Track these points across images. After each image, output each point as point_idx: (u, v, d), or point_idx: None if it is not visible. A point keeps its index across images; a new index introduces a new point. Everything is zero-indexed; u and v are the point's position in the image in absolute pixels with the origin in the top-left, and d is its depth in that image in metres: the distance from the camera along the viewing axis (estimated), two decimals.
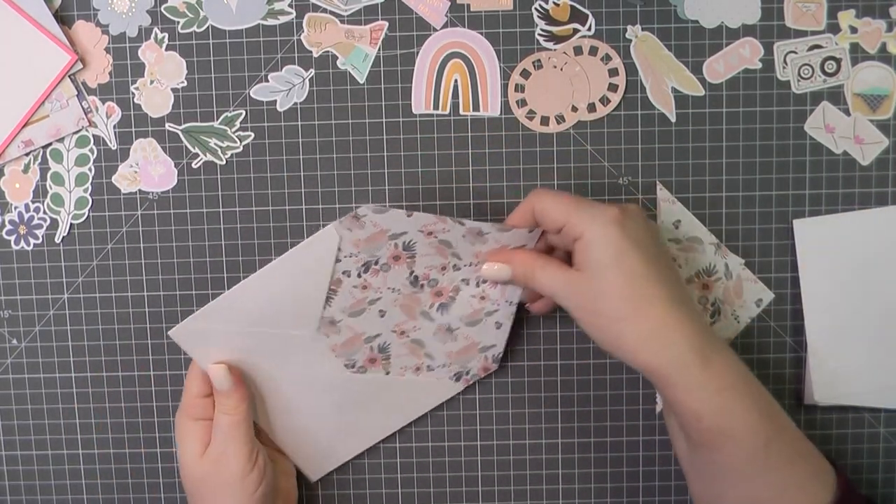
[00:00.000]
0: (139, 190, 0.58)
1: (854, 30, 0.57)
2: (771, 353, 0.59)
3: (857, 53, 0.57)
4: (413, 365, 0.57)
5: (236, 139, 0.58)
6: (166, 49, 0.57)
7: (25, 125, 0.57)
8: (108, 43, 0.57)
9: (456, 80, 0.57)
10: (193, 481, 0.53)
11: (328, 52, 0.57)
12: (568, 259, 0.52)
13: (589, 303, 0.49)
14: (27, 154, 0.58)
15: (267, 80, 0.57)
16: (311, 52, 0.57)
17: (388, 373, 0.57)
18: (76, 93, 0.57)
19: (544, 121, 0.58)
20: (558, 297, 0.50)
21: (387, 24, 0.57)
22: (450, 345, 0.57)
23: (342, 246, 0.52)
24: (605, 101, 0.57)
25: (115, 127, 0.58)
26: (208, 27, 0.57)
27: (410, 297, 0.55)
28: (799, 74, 0.57)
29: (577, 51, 0.57)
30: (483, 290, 0.55)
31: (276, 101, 0.58)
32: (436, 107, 0.58)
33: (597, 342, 0.50)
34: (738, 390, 0.48)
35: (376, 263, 0.53)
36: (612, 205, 0.50)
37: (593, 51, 0.57)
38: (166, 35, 0.57)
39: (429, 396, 0.59)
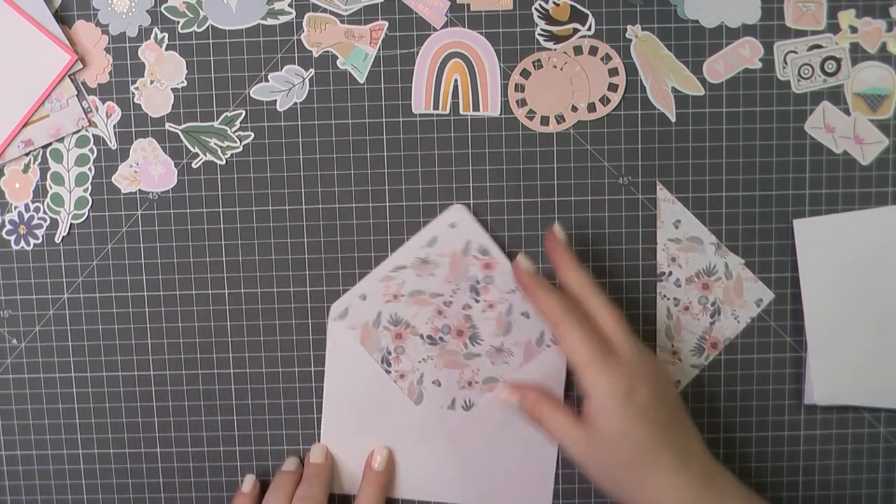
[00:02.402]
0: (139, 190, 0.58)
1: (854, 30, 0.57)
2: (771, 353, 0.59)
3: (857, 53, 0.57)
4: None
5: (236, 139, 0.58)
6: (166, 49, 0.57)
7: (25, 125, 0.57)
8: (108, 43, 0.57)
9: (456, 80, 0.57)
10: None
11: (328, 52, 0.57)
12: None
13: (597, 463, 0.50)
14: (27, 154, 0.58)
15: (267, 80, 0.57)
16: (311, 52, 0.57)
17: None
18: (76, 93, 0.57)
19: (544, 121, 0.58)
20: (565, 446, 0.51)
21: (387, 24, 0.57)
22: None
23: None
24: (605, 100, 0.57)
25: (115, 127, 0.58)
26: (208, 27, 0.57)
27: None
28: (799, 74, 0.57)
29: (577, 51, 0.57)
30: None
31: (276, 101, 0.58)
32: (436, 107, 0.58)
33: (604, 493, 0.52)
34: None
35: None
36: (622, 372, 0.49)
37: (593, 51, 0.57)
38: (166, 35, 0.57)
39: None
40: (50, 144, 0.58)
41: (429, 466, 0.58)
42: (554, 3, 0.57)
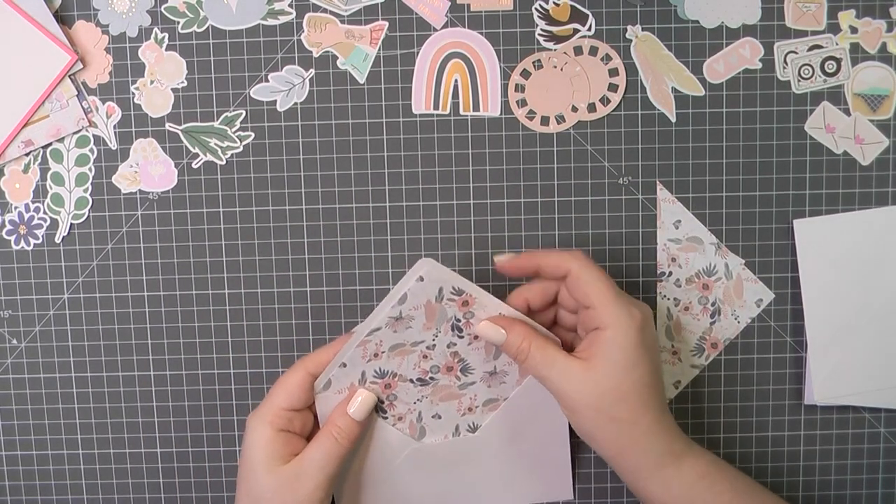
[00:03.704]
0: (139, 190, 0.58)
1: (854, 30, 0.57)
2: (771, 353, 0.59)
3: (858, 53, 0.57)
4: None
5: (236, 139, 0.58)
6: (166, 49, 0.57)
7: (25, 125, 0.57)
8: (108, 43, 0.57)
9: (456, 80, 0.57)
10: (259, 490, 0.51)
11: (328, 52, 0.57)
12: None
13: (589, 397, 0.50)
14: (27, 154, 0.58)
15: (267, 80, 0.57)
16: (311, 52, 0.57)
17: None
18: (76, 93, 0.57)
19: (544, 121, 0.58)
20: (550, 381, 0.50)
21: (387, 24, 0.57)
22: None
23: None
24: (605, 101, 0.57)
25: (115, 127, 0.58)
26: (208, 27, 0.57)
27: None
28: (799, 74, 0.57)
29: (578, 51, 0.57)
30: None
31: (276, 101, 0.58)
32: (436, 107, 0.58)
33: (580, 432, 0.51)
34: (709, 478, 0.51)
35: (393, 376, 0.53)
36: (638, 307, 0.51)
37: (593, 51, 0.57)
38: (166, 35, 0.57)
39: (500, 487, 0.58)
40: (50, 144, 0.58)
41: (446, 488, 0.57)
42: (554, 3, 0.57)
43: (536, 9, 0.57)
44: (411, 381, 0.53)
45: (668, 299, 0.59)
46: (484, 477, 0.57)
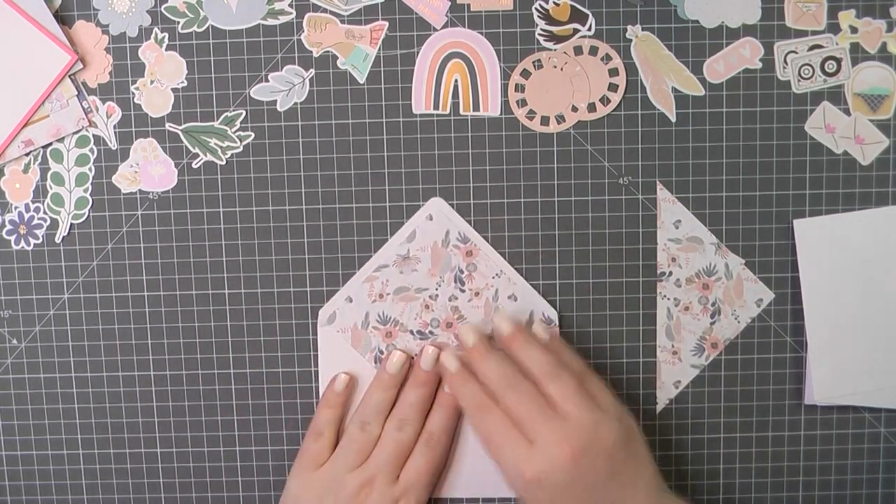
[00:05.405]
0: (139, 190, 0.58)
1: (854, 30, 0.57)
2: (771, 353, 0.59)
3: (858, 53, 0.57)
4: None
5: (236, 139, 0.58)
6: (166, 49, 0.57)
7: (25, 125, 0.57)
8: (108, 43, 0.57)
9: (456, 80, 0.57)
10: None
11: (328, 52, 0.57)
12: None
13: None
14: (27, 154, 0.58)
15: (267, 80, 0.57)
16: (311, 52, 0.57)
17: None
18: (76, 93, 0.57)
19: (544, 121, 0.58)
20: (498, 463, 0.51)
21: (387, 24, 0.57)
22: None
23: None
24: (605, 101, 0.57)
25: (115, 127, 0.58)
26: (208, 27, 0.57)
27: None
28: (799, 74, 0.57)
29: (578, 51, 0.57)
30: None
31: (276, 101, 0.58)
32: (436, 107, 0.58)
33: None
34: None
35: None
36: (571, 438, 0.49)
37: (593, 51, 0.57)
38: (166, 35, 0.57)
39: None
40: (50, 144, 0.58)
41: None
42: (554, 3, 0.57)
43: (536, 9, 0.57)
44: (411, 332, 0.56)
45: (668, 299, 0.59)
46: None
